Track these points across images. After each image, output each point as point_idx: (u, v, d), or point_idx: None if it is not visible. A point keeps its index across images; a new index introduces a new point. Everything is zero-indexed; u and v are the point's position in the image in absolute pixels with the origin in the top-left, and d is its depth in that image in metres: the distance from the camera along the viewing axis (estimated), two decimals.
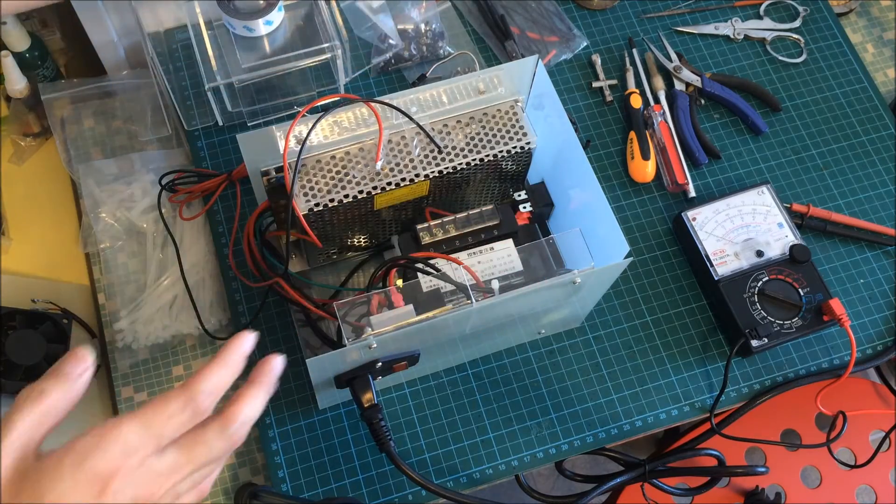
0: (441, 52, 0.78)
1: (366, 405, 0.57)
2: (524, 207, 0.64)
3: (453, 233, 0.60)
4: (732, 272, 0.68)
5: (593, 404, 0.67)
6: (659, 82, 0.79)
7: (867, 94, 0.81)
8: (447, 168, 0.58)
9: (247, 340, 0.42)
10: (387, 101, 0.55)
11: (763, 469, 0.66)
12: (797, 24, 0.83)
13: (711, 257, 0.69)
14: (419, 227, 0.60)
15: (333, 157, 0.57)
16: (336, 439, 0.64)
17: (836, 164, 0.78)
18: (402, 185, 0.57)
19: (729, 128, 0.79)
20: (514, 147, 0.59)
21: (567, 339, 0.69)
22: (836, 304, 0.67)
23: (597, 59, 0.80)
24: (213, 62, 0.68)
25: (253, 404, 0.42)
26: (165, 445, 0.39)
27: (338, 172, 0.56)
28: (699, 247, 0.70)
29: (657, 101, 0.78)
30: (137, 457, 0.37)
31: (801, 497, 0.85)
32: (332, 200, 0.56)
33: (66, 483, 0.36)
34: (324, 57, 0.70)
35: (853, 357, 0.67)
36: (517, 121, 0.59)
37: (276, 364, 0.43)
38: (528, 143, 0.59)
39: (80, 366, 0.39)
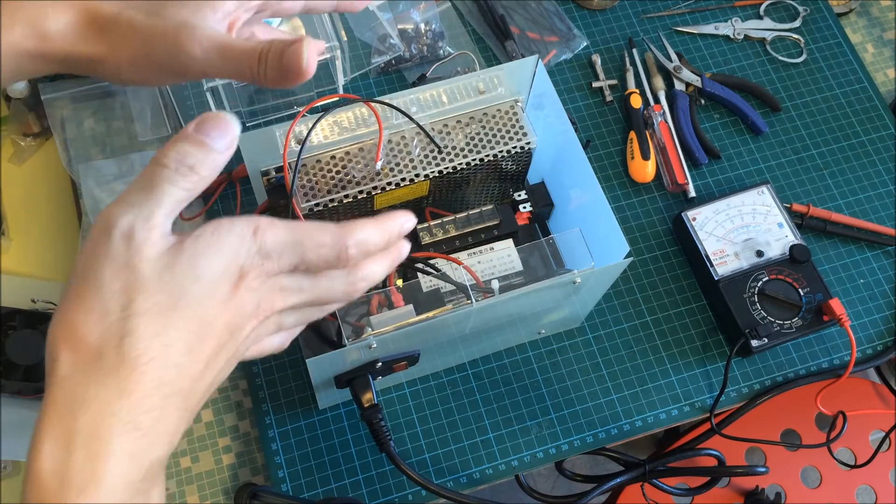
0: (441, 52, 0.78)
1: (366, 405, 0.57)
2: (524, 207, 0.64)
3: (453, 233, 0.60)
4: (732, 272, 0.68)
5: (593, 404, 0.67)
6: (659, 82, 0.79)
7: (867, 94, 0.81)
8: (447, 168, 0.57)
9: (408, 221, 0.43)
10: (387, 101, 0.55)
11: (763, 469, 0.66)
12: (797, 24, 0.83)
13: (711, 257, 0.69)
14: (419, 227, 0.60)
15: (333, 157, 0.57)
16: (336, 439, 0.64)
17: (836, 164, 0.78)
18: (402, 185, 0.57)
19: (729, 128, 0.79)
20: (514, 147, 0.59)
21: (567, 339, 0.69)
22: (836, 304, 0.67)
23: (597, 59, 0.80)
24: None
25: (379, 264, 0.42)
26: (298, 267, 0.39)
27: (338, 172, 0.56)
28: (699, 247, 0.70)
29: (657, 101, 0.78)
30: (275, 264, 0.38)
31: (801, 497, 0.86)
32: (332, 200, 0.56)
33: (212, 266, 0.36)
34: (322, 57, 0.69)
35: (853, 357, 0.67)
36: (517, 121, 0.59)
37: (407, 223, 0.43)
38: (528, 143, 0.59)
39: (227, 136, 0.38)
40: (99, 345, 0.34)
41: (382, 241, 0.41)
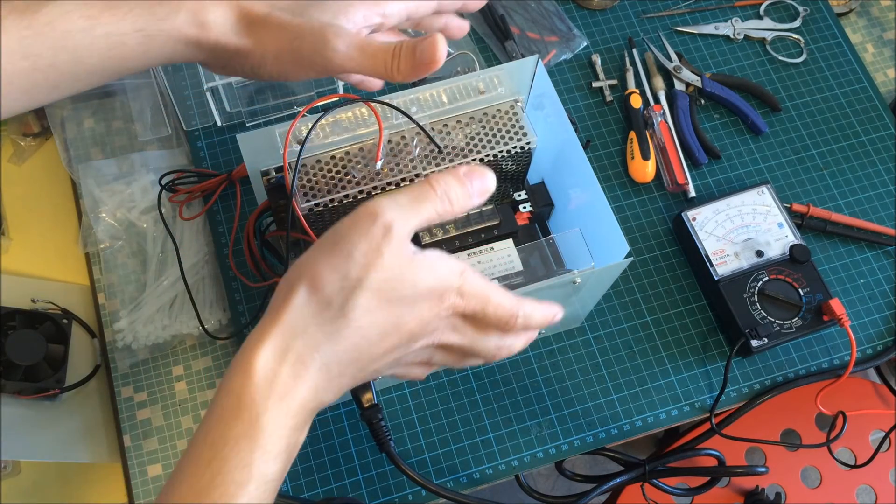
0: None
1: (366, 405, 0.57)
2: (524, 207, 0.64)
3: (453, 233, 0.60)
4: (732, 272, 0.68)
5: (593, 404, 0.67)
6: (659, 82, 0.79)
7: (867, 94, 0.81)
8: (447, 168, 0.57)
9: (560, 312, 0.49)
10: (387, 101, 0.55)
11: (763, 469, 0.66)
12: (797, 24, 0.83)
13: (711, 257, 0.69)
14: None
15: (333, 157, 0.57)
16: (336, 439, 0.64)
17: (836, 164, 0.78)
18: (402, 185, 0.57)
19: (729, 128, 0.79)
20: (514, 147, 0.59)
21: (567, 339, 0.69)
22: (836, 304, 0.67)
23: (597, 59, 0.80)
24: None
25: (520, 339, 0.49)
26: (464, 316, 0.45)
27: (338, 172, 0.56)
28: (699, 247, 0.70)
29: (657, 101, 0.78)
30: (463, 304, 0.44)
31: (801, 497, 0.86)
32: (332, 200, 0.56)
33: (427, 282, 0.42)
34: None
35: (853, 357, 0.67)
36: (517, 121, 0.59)
37: (560, 314, 0.49)
38: (528, 143, 0.59)
39: (482, 193, 0.45)
40: (331, 296, 0.41)
41: (540, 322, 0.48)
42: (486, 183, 0.45)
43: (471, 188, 0.45)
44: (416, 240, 0.60)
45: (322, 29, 0.51)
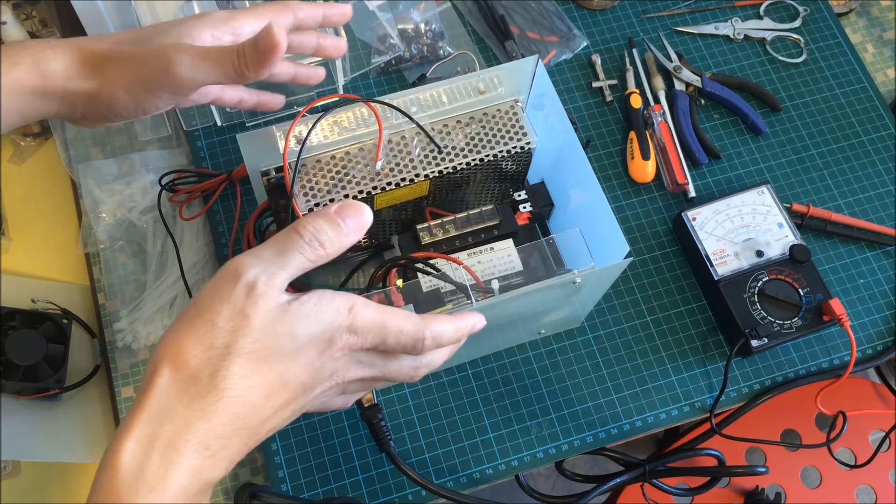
0: (441, 52, 0.78)
1: (366, 405, 0.57)
2: (524, 207, 0.64)
3: (453, 233, 0.60)
4: (732, 272, 0.68)
5: (593, 404, 0.67)
6: (659, 82, 0.79)
7: (867, 94, 0.81)
8: (447, 168, 0.57)
9: (480, 322, 0.48)
10: (387, 101, 0.55)
11: (763, 469, 0.66)
12: (797, 24, 0.83)
13: (711, 257, 0.69)
14: (419, 227, 0.60)
15: (333, 157, 0.57)
16: (336, 439, 0.64)
17: (836, 164, 0.78)
18: (402, 185, 0.57)
19: (729, 128, 0.79)
20: (514, 147, 0.59)
21: (567, 339, 0.69)
22: (836, 304, 0.67)
23: (597, 59, 0.80)
24: None
25: (442, 353, 0.48)
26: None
27: (338, 172, 0.56)
28: (699, 247, 0.70)
29: (657, 101, 0.78)
30: (359, 341, 0.43)
31: (801, 497, 0.86)
32: (332, 200, 0.56)
33: (308, 331, 0.41)
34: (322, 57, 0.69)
35: (853, 357, 0.67)
36: (517, 121, 0.59)
37: (479, 325, 0.48)
38: (528, 143, 0.59)
39: (359, 229, 0.44)
40: (197, 370, 0.38)
41: (455, 337, 0.47)
42: (361, 219, 0.44)
43: (344, 226, 0.43)
44: (417, 241, 0.60)
45: (163, 49, 0.51)
